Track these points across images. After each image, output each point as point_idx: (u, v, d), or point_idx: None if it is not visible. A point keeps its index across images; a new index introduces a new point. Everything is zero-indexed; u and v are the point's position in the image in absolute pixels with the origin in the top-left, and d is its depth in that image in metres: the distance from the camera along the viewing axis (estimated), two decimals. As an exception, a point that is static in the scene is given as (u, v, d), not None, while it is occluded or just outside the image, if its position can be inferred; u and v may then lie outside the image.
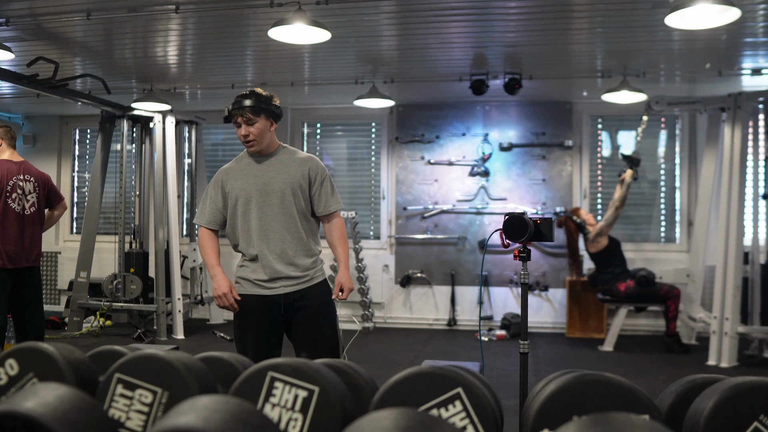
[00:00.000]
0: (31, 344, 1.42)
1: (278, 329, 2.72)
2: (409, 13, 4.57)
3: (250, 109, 2.66)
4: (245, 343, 2.71)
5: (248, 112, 2.65)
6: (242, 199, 2.71)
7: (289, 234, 2.68)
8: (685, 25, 3.95)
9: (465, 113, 7.27)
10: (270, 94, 2.76)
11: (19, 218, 4.26)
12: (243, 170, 2.75)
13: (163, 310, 6.40)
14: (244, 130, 2.67)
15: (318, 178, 2.74)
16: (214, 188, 2.78)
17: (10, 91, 6.85)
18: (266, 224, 2.68)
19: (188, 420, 1.00)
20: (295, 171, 2.71)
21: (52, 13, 4.46)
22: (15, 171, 4.27)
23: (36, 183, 4.38)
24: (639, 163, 5.99)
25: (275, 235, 2.67)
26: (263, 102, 2.69)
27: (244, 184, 2.72)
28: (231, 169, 2.79)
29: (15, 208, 4.24)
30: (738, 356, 5.34)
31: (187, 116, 7.03)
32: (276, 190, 2.68)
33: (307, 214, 2.74)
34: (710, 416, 1.20)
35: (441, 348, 6.15)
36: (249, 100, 2.67)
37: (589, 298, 6.73)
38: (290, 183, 2.69)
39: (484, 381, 1.47)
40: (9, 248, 4.18)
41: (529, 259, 2.78)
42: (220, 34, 5.02)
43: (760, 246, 5.75)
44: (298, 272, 2.69)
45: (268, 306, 2.69)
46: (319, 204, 2.75)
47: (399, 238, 7.36)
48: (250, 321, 2.71)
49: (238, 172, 2.75)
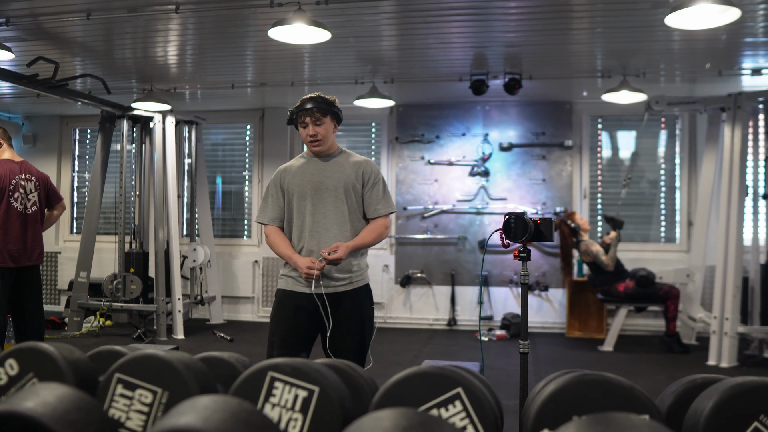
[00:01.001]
0: (31, 344, 1.42)
1: (313, 328, 2.74)
2: (409, 13, 4.57)
3: (319, 110, 2.72)
4: (275, 336, 2.74)
5: (317, 112, 2.72)
6: (297, 195, 2.77)
7: (339, 233, 2.72)
8: (685, 25, 3.95)
9: (465, 113, 7.27)
10: (333, 98, 2.82)
11: (22, 217, 4.28)
12: (301, 168, 2.81)
13: (163, 310, 6.40)
14: (312, 130, 2.73)
15: (371, 180, 2.79)
16: (275, 186, 2.84)
17: (10, 91, 6.85)
18: (318, 221, 2.73)
19: (188, 420, 1.00)
20: (350, 172, 2.77)
21: (52, 13, 4.46)
22: (17, 170, 4.29)
23: (37, 183, 4.40)
24: (622, 225, 6.09)
25: (326, 232, 2.72)
26: (330, 104, 2.77)
27: (301, 180, 2.78)
28: (290, 167, 2.86)
29: (17, 207, 4.25)
30: (738, 356, 5.34)
31: (187, 116, 7.03)
32: (330, 189, 2.74)
33: (359, 215, 2.78)
34: (710, 416, 1.20)
35: (441, 348, 6.15)
36: (316, 102, 2.74)
37: (589, 298, 6.73)
38: (344, 183, 2.75)
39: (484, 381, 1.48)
40: (11, 247, 4.19)
41: (529, 259, 2.78)
42: (220, 34, 5.02)
43: (760, 246, 5.76)
44: (342, 273, 2.71)
45: (306, 303, 2.70)
46: (369, 206, 2.79)
47: (399, 238, 7.36)
48: (287, 315, 2.74)
49: (297, 170, 2.82)
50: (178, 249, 6.67)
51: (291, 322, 2.74)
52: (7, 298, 4.24)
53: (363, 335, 2.74)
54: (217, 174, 7.99)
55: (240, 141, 7.98)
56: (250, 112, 7.75)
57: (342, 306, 2.71)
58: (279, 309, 2.77)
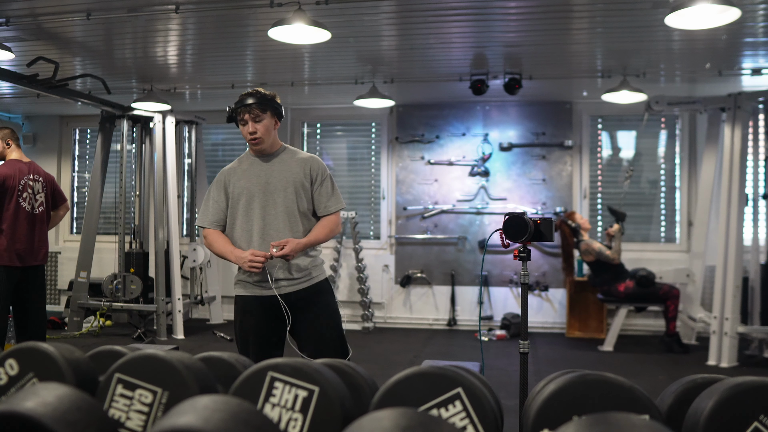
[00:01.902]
0: (31, 344, 1.42)
1: (279, 330, 2.70)
2: (409, 13, 4.57)
3: (258, 106, 2.68)
4: (246, 343, 2.71)
5: (255, 108, 2.67)
6: (245, 198, 2.71)
7: (290, 233, 2.67)
8: (685, 25, 3.95)
9: (465, 113, 7.27)
10: (273, 93, 2.78)
11: (30, 217, 4.30)
12: (246, 170, 2.75)
13: (163, 310, 6.40)
14: (251, 128, 2.67)
15: (319, 177, 2.73)
16: (217, 189, 2.78)
17: (10, 91, 6.85)
18: (268, 223, 2.68)
19: (188, 420, 1.00)
20: (297, 170, 2.71)
21: (52, 13, 4.46)
22: (26, 171, 4.32)
23: (44, 183, 4.43)
24: (624, 217, 6.09)
25: (277, 234, 2.67)
26: (269, 100, 2.73)
27: (247, 183, 2.72)
28: (233, 169, 2.79)
29: (26, 207, 4.28)
30: (738, 356, 5.34)
31: (187, 116, 7.03)
32: (278, 189, 2.68)
33: (309, 213, 2.74)
34: (710, 416, 1.20)
35: (441, 348, 6.15)
36: (255, 98, 2.69)
37: (589, 298, 6.73)
38: (292, 182, 2.69)
39: (484, 381, 1.47)
40: (19, 247, 4.20)
41: (529, 259, 2.78)
42: (220, 34, 5.02)
43: (760, 246, 5.76)
44: (298, 272, 2.69)
45: (268, 306, 2.68)
46: (320, 204, 2.74)
47: (399, 238, 7.36)
48: (251, 322, 2.71)
49: (241, 173, 2.76)
50: (178, 249, 6.67)
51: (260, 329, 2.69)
52: (10, 298, 4.24)
53: (338, 327, 2.74)
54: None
55: (240, 141, 7.97)
56: (250, 112, 7.73)
57: (308, 302, 2.68)
58: (244, 318, 2.72)
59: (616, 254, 5.98)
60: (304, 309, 2.69)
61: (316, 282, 2.74)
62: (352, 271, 7.27)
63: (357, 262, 7.13)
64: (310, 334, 2.69)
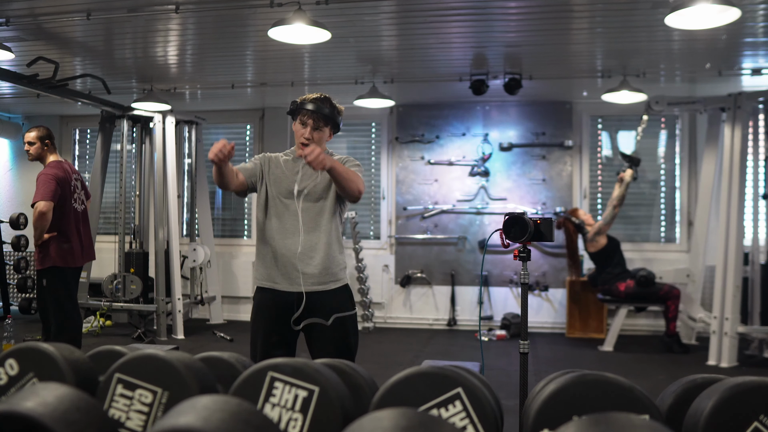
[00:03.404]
0: (31, 344, 1.42)
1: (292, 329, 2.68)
2: (409, 13, 4.57)
3: (323, 118, 2.64)
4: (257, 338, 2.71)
5: (320, 119, 2.64)
6: (275, 192, 2.70)
7: (314, 233, 2.66)
8: (685, 25, 3.95)
9: (465, 113, 7.27)
10: (341, 108, 2.75)
11: (81, 217, 4.38)
12: (286, 164, 2.75)
13: (163, 310, 6.40)
14: (308, 134, 2.64)
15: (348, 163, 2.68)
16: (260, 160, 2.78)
17: (10, 91, 6.85)
18: (295, 221, 2.67)
19: (188, 420, 1.00)
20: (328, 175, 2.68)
21: (52, 13, 4.46)
22: (70, 171, 4.35)
23: (81, 181, 4.50)
24: (639, 162, 5.99)
25: (301, 233, 2.65)
26: (336, 114, 2.69)
27: (281, 175, 2.72)
28: (275, 159, 2.78)
29: (77, 207, 4.34)
30: (738, 356, 5.34)
31: (187, 116, 7.03)
32: (310, 190, 2.67)
33: (337, 217, 2.73)
34: (710, 416, 1.20)
35: (441, 348, 6.15)
36: (326, 109, 2.64)
37: (589, 298, 6.73)
38: (325, 186, 2.68)
39: (484, 381, 1.47)
40: (75, 247, 4.27)
41: (529, 259, 2.78)
42: (220, 34, 5.02)
43: (760, 246, 5.76)
44: (319, 273, 2.67)
45: (283, 302, 2.66)
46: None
47: (399, 238, 7.36)
48: (265, 315, 2.70)
49: (280, 164, 2.75)
50: (178, 249, 6.67)
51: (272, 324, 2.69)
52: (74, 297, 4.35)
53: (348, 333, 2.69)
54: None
55: (240, 141, 7.98)
56: (250, 112, 7.75)
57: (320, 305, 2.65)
58: (258, 310, 2.73)
59: (616, 200, 5.86)
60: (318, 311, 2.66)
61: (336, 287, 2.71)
62: (352, 271, 7.26)
63: (357, 262, 7.13)
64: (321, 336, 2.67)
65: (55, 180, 4.12)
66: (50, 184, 4.10)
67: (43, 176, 4.14)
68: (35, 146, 4.28)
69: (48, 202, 4.05)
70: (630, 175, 5.89)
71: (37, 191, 4.10)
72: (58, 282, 4.21)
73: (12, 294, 7.10)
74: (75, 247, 4.26)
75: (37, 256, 4.21)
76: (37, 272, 4.25)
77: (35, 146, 4.28)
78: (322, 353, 2.56)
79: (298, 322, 2.65)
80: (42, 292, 4.23)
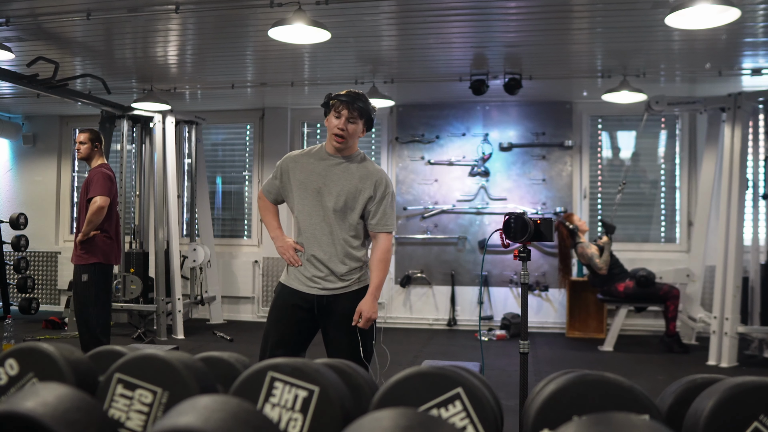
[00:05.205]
0: (31, 344, 1.42)
1: (308, 328, 2.72)
2: (409, 13, 4.57)
3: (359, 110, 2.64)
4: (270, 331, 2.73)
5: (356, 111, 2.63)
6: (299, 193, 2.70)
7: (335, 238, 2.66)
8: (685, 25, 3.95)
9: (465, 113, 7.27)
10: (374, 106, 2.76)
11: (119, 218, 4.62)
12: (310, 164, 2.72)
13: (163, 310, 6.40)
14: (343, 124, 2.62)
15: (380, 193, 2.68)
16: (280, 171, 2.79)
17: (10, 91, 6.85)
18: (315, 224, 2.67)
19: (188, 420, 1.00)
20: (359, 180, 2.67)
21: (52, 13, 4.46)
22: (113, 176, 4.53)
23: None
24: (614, 230, 6.13)
25: (322, 237, 2.67)
26: (370, 110, 2.69)
27: (306, 179, 2.70)
28: (298, 158, 2.76)
29: (118, 210, 4.64)
30: (738, 356, 5.34)
31: (187, 116, 7.03)
32: (332, 193, 2.66)
33: (359, 223, 2.70)
34: (710, 416, 1.20)
35: (441, 348, 6.15)
36: (362, 102, 2.65)
37: (589, 298, 6.73)
38: (349, 190, 2.65)
39: (484, 381, 1.47)
40: (116, 246, 4.49)
41: (529, 259, 2.78)
42: (220, 34, 5.02)
43: (760, 246, 5.75)
44: (337, 277, 2.68)
45: (301, 302, 2.69)
46: (373, 219, 2.69)
47: (399, 238, 7.35)
48: (282, 312, 2.73)
49: (303, 166, 2.73)
50: (178, 249, 6.67)
51: (287, 322, 2.72)
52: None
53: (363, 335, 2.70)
54: (217, 174, 7.99)
55: (240, 141, 7.98)
56: (250, 112, 7.75)
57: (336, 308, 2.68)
58: (276, 306, 2.77)
59: (604, 265, 6.03)
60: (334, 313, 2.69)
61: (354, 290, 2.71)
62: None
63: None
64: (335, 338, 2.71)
65: (110, 179, 4.38)
66: (107, 182, 4.34)
67: (100, 174, 4.36)
68: (86, 146, 4.49)
69: (107, 198, 4.29)
70: (605, 242, 6.06)
71: (95, 187, 4.31)
72: (99, 277, 4.39)
73: (12, 294, 7.10)
74: (116, 246, 4.48)
75: (79, 251, 4.35)
76: (78, 267, 4.38)
77: (86, 146, 4.49)
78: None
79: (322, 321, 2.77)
80: (82, 287, 4.35)
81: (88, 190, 4.34)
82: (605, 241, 6.06)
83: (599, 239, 6.16)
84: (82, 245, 4.31)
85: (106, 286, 4.48)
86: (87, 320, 4.35)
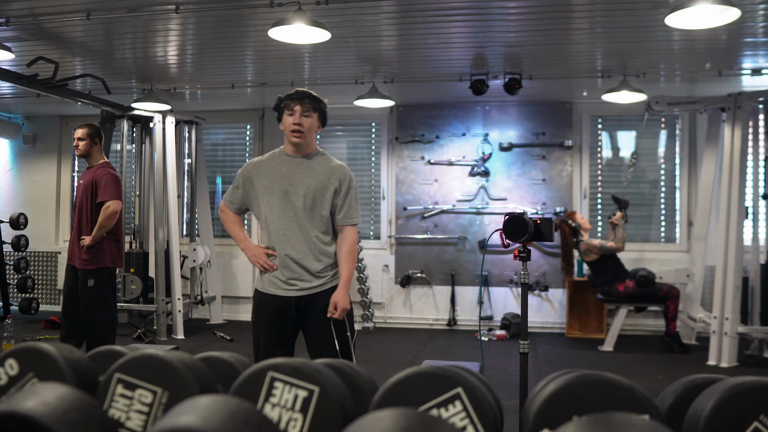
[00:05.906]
0: (31, 344, 1.42)
1: (291, 330, 2.76)
2: (409, 13, 4.57)
3: (311, 103, 2.73)
4: (259, 340, 2.77)
5: (309, 104, 2.72)
6: (266, 196, 2.74)
7: (307, 237, 2.70)
8: (685, 25, 3.95)
9: (465, 113, 7.27)
10: (326, 99, 2.84)
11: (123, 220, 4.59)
12: (273, 168, 2.77)
13: (163, 310, 6.40)
14: (298, 119, 2.69)
15: (344, 187, 2.75)
16: (242, 179, 2.83)
17: (10, 91, 6.85)
18: (286, 225, 2.71)
19: (188, 420, 1.00)
20: (323, 176, 2.73)
21: (52, 13, 4.46)
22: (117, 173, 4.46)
23: None
24: (627, 205, 6.10)
25: (294, 236, 2.70)
26: (321, 103, 2.79)
27: (271, 182, 2.74)
28: (260, 163, 2.81)
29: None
30: (738, 356, 5.34)
31: (187, 116, 7.03)
32: (299, 193, 2.70)
33: (328, 219, 2.76)
34: (710, 416, 1.20)
35: (441, 348, 6.15)
36: (311, 97, 2.75)
37: (589, 298, 6.73)
38: (315, 187, 2.71)
39: (484, 381, 1.47)
40: (122, 248, 4.44)
41: (529, 259, 2.78)
42: (220, 34, 5.02)
43: (760, 246, 5.75)
44: (313, 275, 2.72)
45: (281, 306, 2.72)
46: (339, 213, 2.75)
47: (399, 238, 7.36)
48: (264, 319, 2.76)
49: (266, 169, 2.77)
50: (178, 249, 6.67)
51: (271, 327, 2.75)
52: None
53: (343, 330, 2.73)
54: (217, 174, 7.99)
55: (240, 141, 7.98)
56: (250, 112, 7.75)
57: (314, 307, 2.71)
58: (258, 313, 2.80)
59: (620, 242, 5.97)
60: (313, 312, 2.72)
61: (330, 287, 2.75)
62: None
63: (357, 262, 7.13)
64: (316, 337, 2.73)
65: (118, 180, 4.28)
66: (117, 184, 4.23)
67: (108, 175, 4.22)
68: (84, 143, 4.34)
69: (120, 202, 4.18)
70: (620, 217, 6.03)
71: (107, 190, 4.17)
72: (106, 281, 4.30)
73: (12, 294, 7.10)
74: (122, 249, 4.41)
75: (85, 255, 4.22)
76: (84, 272, 4.25)
77: (84, 143, 4.34)
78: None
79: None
80: (90, 293, 4.25)
81: (96, 192, 4.22)
82: (619, 217, 6.02)
83: (613, 216, 6.11)
84: (89, 249, 4.18)
85: (113, 291, 4.43)
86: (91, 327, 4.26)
